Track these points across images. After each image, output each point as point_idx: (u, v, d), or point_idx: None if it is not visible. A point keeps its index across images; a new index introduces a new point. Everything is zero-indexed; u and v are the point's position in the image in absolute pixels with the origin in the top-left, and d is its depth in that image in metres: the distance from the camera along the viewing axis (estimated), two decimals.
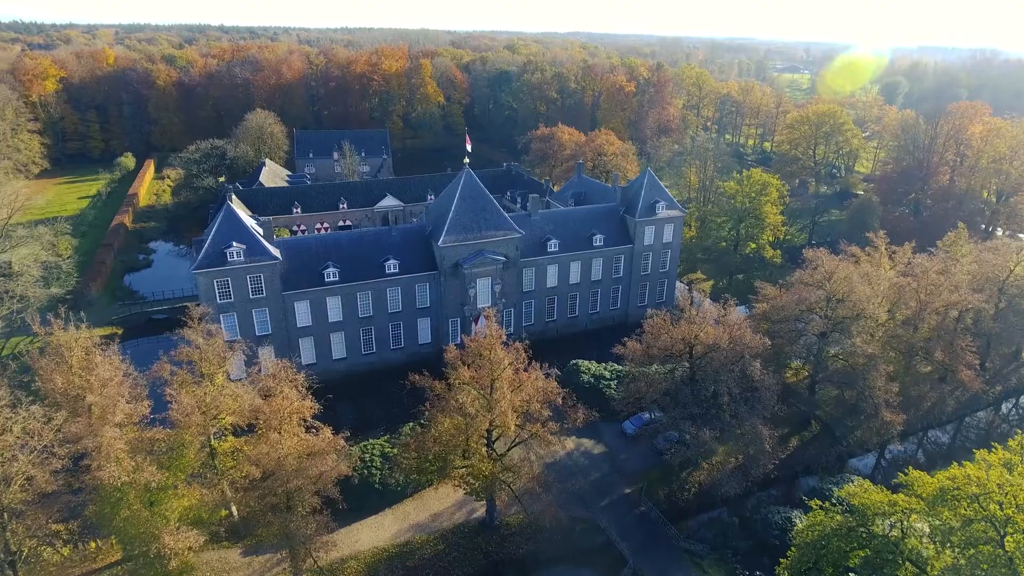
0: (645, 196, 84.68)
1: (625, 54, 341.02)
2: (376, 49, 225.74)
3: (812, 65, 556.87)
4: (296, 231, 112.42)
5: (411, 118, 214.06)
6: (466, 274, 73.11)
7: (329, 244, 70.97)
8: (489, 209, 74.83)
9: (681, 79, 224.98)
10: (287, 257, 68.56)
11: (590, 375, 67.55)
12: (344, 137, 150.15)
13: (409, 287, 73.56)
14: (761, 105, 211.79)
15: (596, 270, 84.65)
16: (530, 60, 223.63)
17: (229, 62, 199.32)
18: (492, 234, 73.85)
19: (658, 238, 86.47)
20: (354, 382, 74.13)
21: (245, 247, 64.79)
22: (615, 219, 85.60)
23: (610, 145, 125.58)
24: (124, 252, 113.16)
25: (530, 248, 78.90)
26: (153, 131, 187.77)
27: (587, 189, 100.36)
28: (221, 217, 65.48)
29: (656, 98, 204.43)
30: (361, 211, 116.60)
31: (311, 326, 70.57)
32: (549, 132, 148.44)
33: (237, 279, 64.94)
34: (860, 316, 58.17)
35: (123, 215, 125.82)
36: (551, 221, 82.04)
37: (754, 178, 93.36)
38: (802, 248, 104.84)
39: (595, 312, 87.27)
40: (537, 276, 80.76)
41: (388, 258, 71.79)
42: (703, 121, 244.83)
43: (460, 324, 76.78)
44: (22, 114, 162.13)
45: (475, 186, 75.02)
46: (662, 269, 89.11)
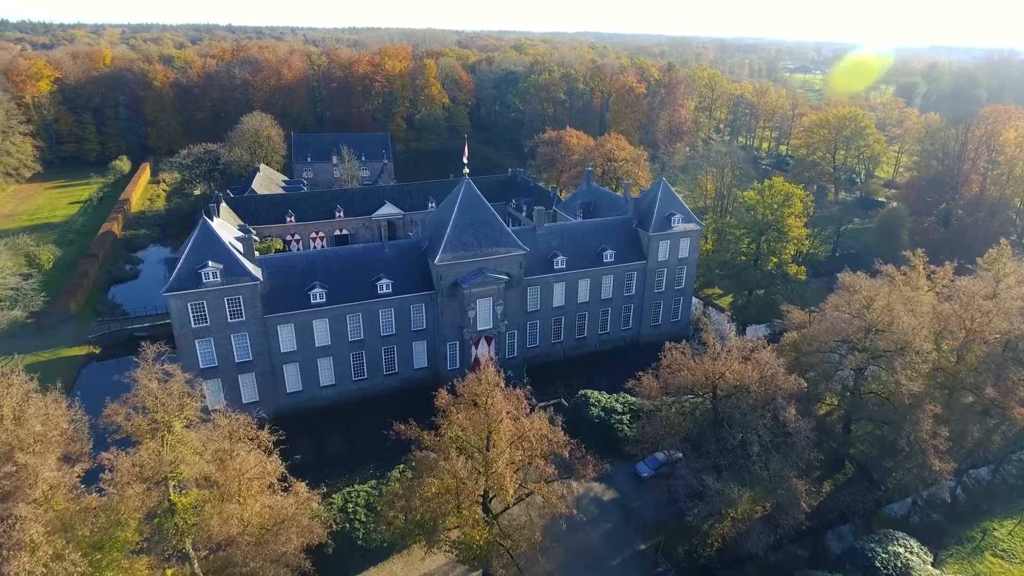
0: (659, 208, 78.50)
1: (634, 54, 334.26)
2: (379, 49, 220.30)
3: (824, 65, 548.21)
4: (290, 241, 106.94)
5: (415, 120, 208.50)
6: (465, 294, 67.20)
7: (316, 262, 65.19)
8: (490, 223, 68.87)
9: (693, 80, 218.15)
10: (269, 277, 62.85)
11: (600, 408, 61.46)
12: (343, 140, 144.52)
13: (403, 308, 67.73)
14: (776, 107, 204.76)
15: (606, 288, 78.55)
16: (537, 60, 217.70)
17: (228, 62, 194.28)
18: (493, 251, 67.89)
19: (673, 253, 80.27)
20: (343, 410, 68.50)
21: (222, 267, 59.10)
22: (627, 233, 79.44)
23: (621, 150, 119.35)
24: (110, 262, 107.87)
25: (535, 265, 72.91)
26: (150, 133, 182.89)
27: (596, 198, 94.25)
28: (196, 234, 59.83)
29: (667, 100, 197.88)
30: (358, 220, 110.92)
31: (296, 351, 64.84)
32: (556, 136, 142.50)
33: (213, 302, 59.28)
34: (904, 350, 51.78)
35: (112, 222, 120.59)
36: (558, 235, 75.99)
37: (776, 188, 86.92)
38: (825, 260, 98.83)
39: (605, 333, 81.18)
40: (543, 295, 74.76)
41: (380, 277, 65.97)
42: (715, 123, 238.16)
43: (459, 348, 70.88)
44: (14, 116, 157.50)
45: (475, 198, 69.09)
46: (677, 286, 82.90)
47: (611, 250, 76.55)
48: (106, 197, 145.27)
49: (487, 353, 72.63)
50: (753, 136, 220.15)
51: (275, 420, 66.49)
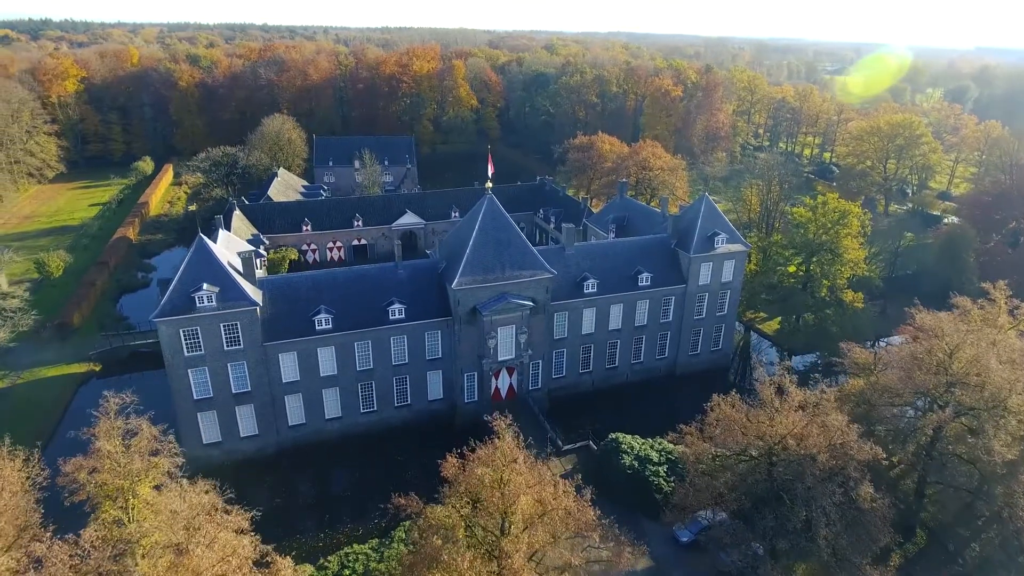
0: (702, 227, 71.20)
1: (669, 55, 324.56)
2: (407, 49, 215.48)
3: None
4: (306, 250, 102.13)
5: (442, 122, 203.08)
6: (485, 322, 60.92)
7: (322, 285, 59.51)
8: (514, 243, 62.46)
9: (732, 83, 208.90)
10: (271, 301, 57.38)
11: (633, 456, 54.56)
12: (366, 144, 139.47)
13: (417, 335, 61.72)
14: (820, 112, 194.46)
15: (641, 314, 71.54)
16: (569, 61, 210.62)
17: (254, 62, 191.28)
18: (517, 274, 61.47)
19: (716, 277, 72.88)
20: (350, 445, 62.77)
21: (218, 290, 53.75)
22: (665, 254, 72.30)
23: (656, 159, 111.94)
24: (122, 270, 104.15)
25: (563, 288, 66.29)
26: (175, 134, 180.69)
27: (630, 213, 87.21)
28: (191, 254, 54.59)
29: (704, 103, 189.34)
30: (378, 229, 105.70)
31: (299, 381, 59.28)
32: (588, 141, 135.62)
33: (208, 328, 53.97)
34: (997, 408, 43.95)
35: (127, 227, 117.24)
36: (589, 256, 69.23)
37: (830, 205, 78.90)
38: (880, 282, 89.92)
39: (638, 362, 74.15)
40: (571, 321, 68.10)
41: (392, 301, 60.05)
42: (753, 128, 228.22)
43: (478, 379, 64.64)
44: (39, 115, 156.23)
45: (498, 216, 62.74)
46: (719, 312, 75.45)
47: (647, 273, 69.52)
48: (126, 199, 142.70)
49: (509, 385, 66.30)
50: (794, 142, 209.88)
51: (276, 455, 61.97)
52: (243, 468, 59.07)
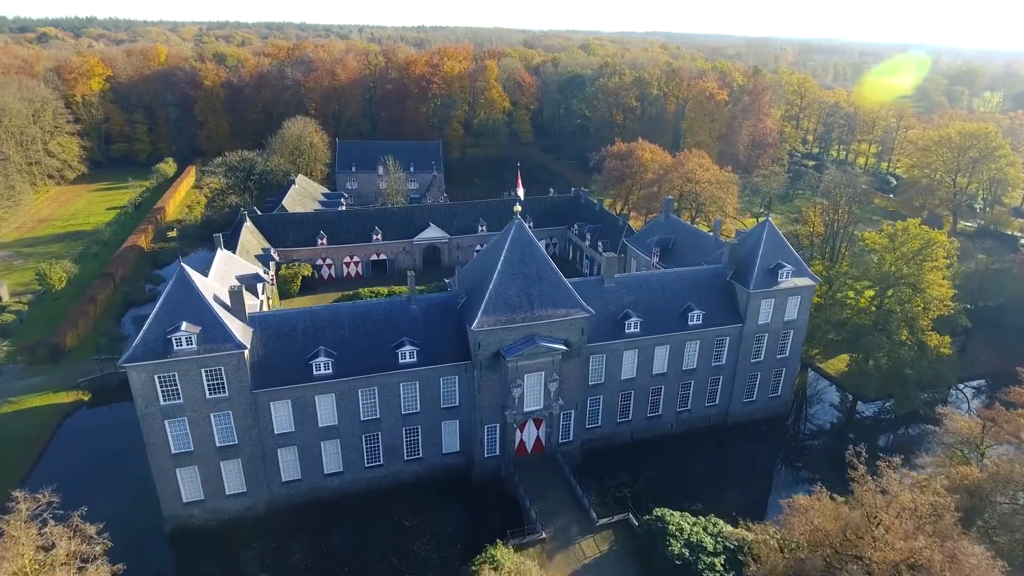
0: (764, 257, 61.44)
1: (709, 56, 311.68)
2: (438, 49, 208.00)
3: None
4: (320, 265, 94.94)
5: (473, 125, 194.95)
6: (510, 368, 52.32)
7: (322, 323, 51.57)
8: (546, 277, 53.68)
9: (780, 86, 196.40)
10: (263, 340, 49.68)
11: (682, 543, 45.26)
12: (390, 149, 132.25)
13: (431, 381, 53.43)
14: (878, 118, 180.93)
15: (690, 357, 62.10)
16: (607, 62, 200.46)
17: (281, 62, 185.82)
18: (548, 313, 52.70)
19: (778, 315, 63.02)
20: (352, 504, 54.88)
21: (200, 330, 46.17)
22: (719, 287, 62.70)
23: (704, 171, 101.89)
24: (130, 281, 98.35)
25: (601, 327, 57.32)
26: (199, 135, 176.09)
27: (677, 235, 77.66)
28: (169, 287, 47.12)
29: (751, 108, 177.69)
30: (398, 243, 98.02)
31: (294, 432, 51.49)
32: (627, 148, 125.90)
33: (187, 374, 46.45)
34: None
35: (139, 234, 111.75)
36: (632, 290, 60.03)
37: (911, 232, 68.28)
38: (968, 322, 78.34)
39: (685, 411, 64.70)
40: (609, 365, 59.07)
41: (403, 342, 51.85)
42: (802, 134, 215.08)
43: (499, 431, 56.08)
44: (61, 115, 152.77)
45: (528, 244, 54.03)
46: (780, 355, 65.55)
47: (699, 310, 60.05)
48: (145, 203, 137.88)
49: (536, 438, 57.59)
50: (845, 149, 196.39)
51: (267, 515, 54.30)
52: (228, 530, 51.72)
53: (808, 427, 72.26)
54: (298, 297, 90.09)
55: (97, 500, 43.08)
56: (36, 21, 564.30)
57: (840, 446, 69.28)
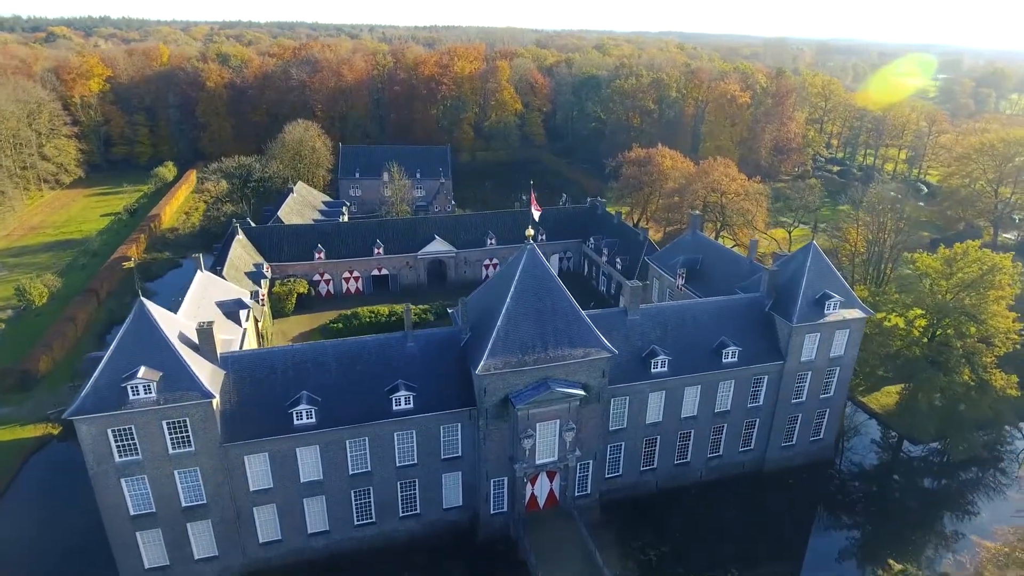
0: (808, 286, 54.22)
1: (726, 56, 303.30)
2: (448, 48, 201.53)
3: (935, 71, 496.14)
4: (318, 281, 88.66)
5: (483, 127, 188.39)
6: (520, 416, 45.53)
7: (305, 363, 44.99)
8: (562, 312, 46.80)
9: (804, 88, 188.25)
10: (236, 384, 43.21)
11: None
12: (395, 155, 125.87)
13: (430, 430, 46.75)
14: (908, 123, 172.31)
15: (724, 398, 55.02)
16: (623, 63, 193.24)
17: (286, 62, 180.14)
18: (565, 354, 45.83)
19: (823, 351, 55.78)
20: (341, 567, 48.25)
21: (160, 376, 39.77)
22: (757, 319, 55.55)
23: (731, 181, 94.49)
24: (116, 297, 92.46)
25: (625, 366, 50.40)
26: (201, 137, 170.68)
27: (705, 254, 70.55)
28: (125, 327, 40.73)
29: (774, 111, 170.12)
30: (401, 258, 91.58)
31: (273, 489, 44.97)
32: (645, 155, 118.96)
33: (146, 428, 40.07)
34: None
35: (130, 244, 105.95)
36: (659, 322, 53.02)
37: (971, 256, 60.87)
38: None
39: (716, 457, 57.58)
40: (632, 409, 52.11)
41: (398, 386, 45.20)
42: (825, 139, 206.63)
43: (508, 485, 49.29)
44: (58, 117, 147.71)
45: (540, 274, 47.17)
46: (824, 394, 58.28)
47: (735, 346, 52.95)
48: (141, 209, 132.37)
49: (549, 491, 50.77)
50: (872, 154, 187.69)
51: None
52: None
53: (849, 467, 64.92)
54: (293, 316, 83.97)
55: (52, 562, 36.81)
56: (52, 20, 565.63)
57: (886, 490, 62.24)
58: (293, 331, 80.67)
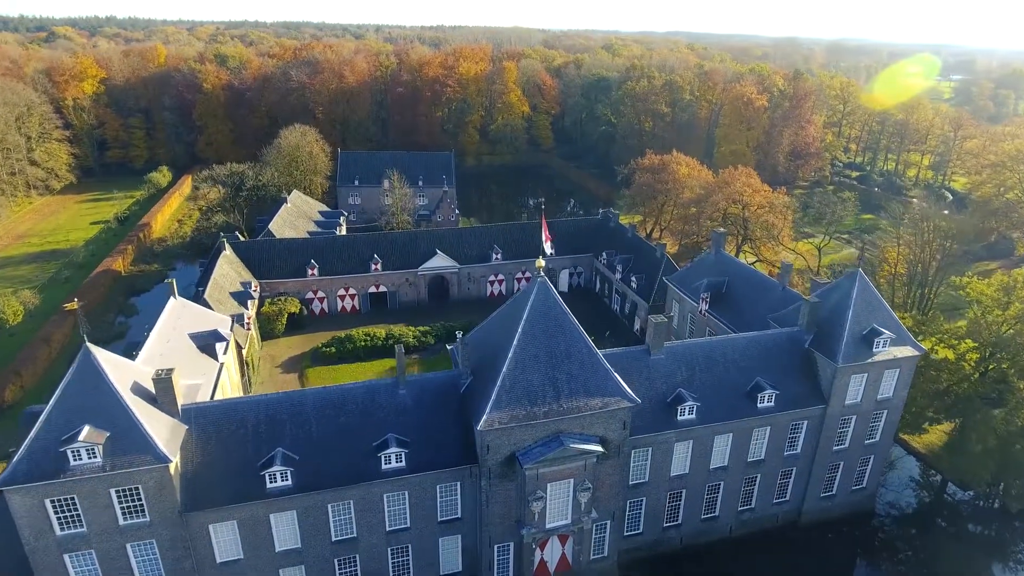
0: (854, 320, 47.90)
1: (738, 57, 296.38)
2: (453, 49, 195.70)
3: (947, 71, 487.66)
4: (311, 299, 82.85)
5: (489, 130, 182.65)
6: (528, 476, 39.49)
7: (280, 416, 39.06)
8: (576, 355, 40.70)
9: (823, 91, 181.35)
10: (200, 443, 37.35)
11: None
12: (397, 161, 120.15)
13: (425, 491, 40.73)
14: (932, 127, 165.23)
15: (758, 446, 48.79)
16: (634, 64, 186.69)
17: (286, 63, 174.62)
18: (580, 405, 39.75)
19: (870, 393, 49.46)
20: None
21: (108, 437, 33.98)
22: (795, 357, 49.26)
23: (754, 193, 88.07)
24: (97, 314, 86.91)
25: (648, 414, 44.25)
26: (198, 141, 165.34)
27: (732, 277, 64.28)
28: (68, 378, 34.88)
29: (792, 114, 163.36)
30: (400, 274, 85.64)
31: (243, 559, 39.04)
32: (660, 162, 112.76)
33: (92, 497, 34.30)
34: None
35: (117, 256, 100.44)
36: (685, 363, 46.81)
37: None
38: None
39: (748, 509, 51.36)
40: (656, 460, 45.96)
41: (388, 442, 39.23)
42: (843, 143, 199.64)
43: (514, 550, 43.23)
44: (49, 120, 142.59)
45: (553, 312, 41.04)
46: (869, 440, 51.96)
47: (771, 389, 46.71)
48: (132, 217, 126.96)
49: (561, 555, 44.66)
50: (896, 160, 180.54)
51: None
52: None
53: (887, 511, 58.57)
54: (283, 337, 78.16)
55: None
56: (58, 20, 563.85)
57: (929, 538, 55.95)
58: (282, 355, 74.88)
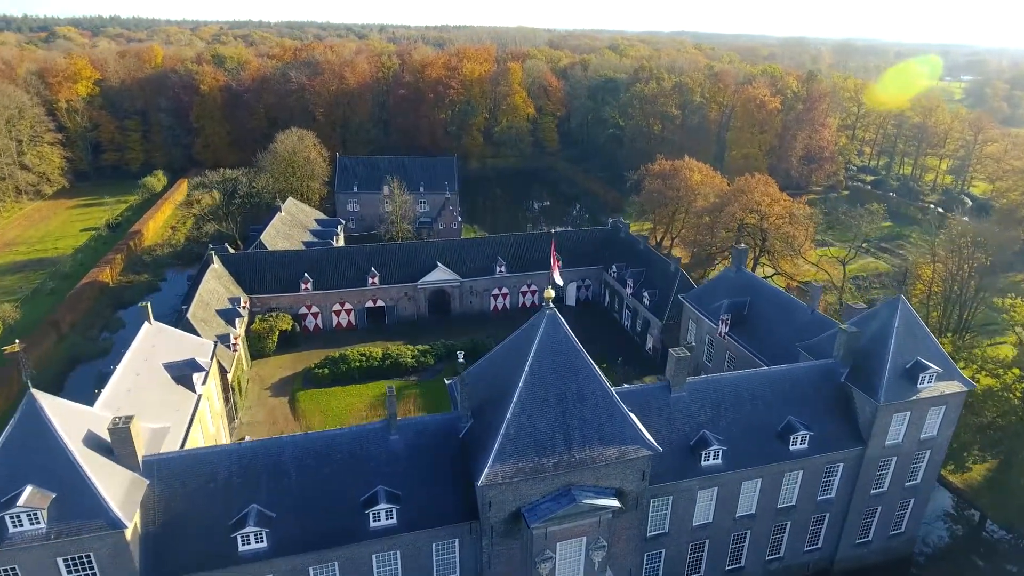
0: (897, 352, 43.17)
1: (746, 57, 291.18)
2: (457, 50, 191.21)
3: (956, 71, 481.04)
4: (305, 315, 78.55)
5: (494, 133, 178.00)
6: (536, 536, 34.93)
7: (255, 467, 34.62)
8: (590, 397, 36.14)
9: (836, 92, 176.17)
10: (163, 500, 32.94)
11: None
12: (398, 166, 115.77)
13: (418, 549, 36.23)
14: (951, 130, 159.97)
15: (789, 491, 44.10)
16: (642, 65, 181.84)
17: (285, 64, 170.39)
18: (594, 455, 35.20)
19: (913, 432, 44.73)
20: None
21: (54, 498, 29.59)
22: (831, 394, 44.55)
23: (774, 203, 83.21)
24: (81, 329, 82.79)
25: (669, 459, 39.59)
26: (195, 144, 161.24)
27: (755, 298, 59.54)
28: (9, 431, 30.47)
29: (806, 117, 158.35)
30: (399, 288, 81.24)
31: None
32: (671, 168, 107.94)
33: (35, 568, 29.88)
34: None
35: (104, 266, 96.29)
36: (710, 401, 42.16)
37: None
38: None
39: (776, 559, 46.69)
40: (677, 510, 41.34)
41: (378, 495, 34.79)
42: (857, 146, 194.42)
43: None
44: (41, 123, 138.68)
45: (563, 349, 36.48)
46: (909, 482, 47.22)
47: (804, 430, 42.05)
48: (124, 223, 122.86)
49: None
50: (912, 164, 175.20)
51: None
52: None
53: (921, 547, 53.90)
54: (274, 356, 73.83)
55: None
56: (62, 20, 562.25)
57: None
58: (273, 375, 70.53)
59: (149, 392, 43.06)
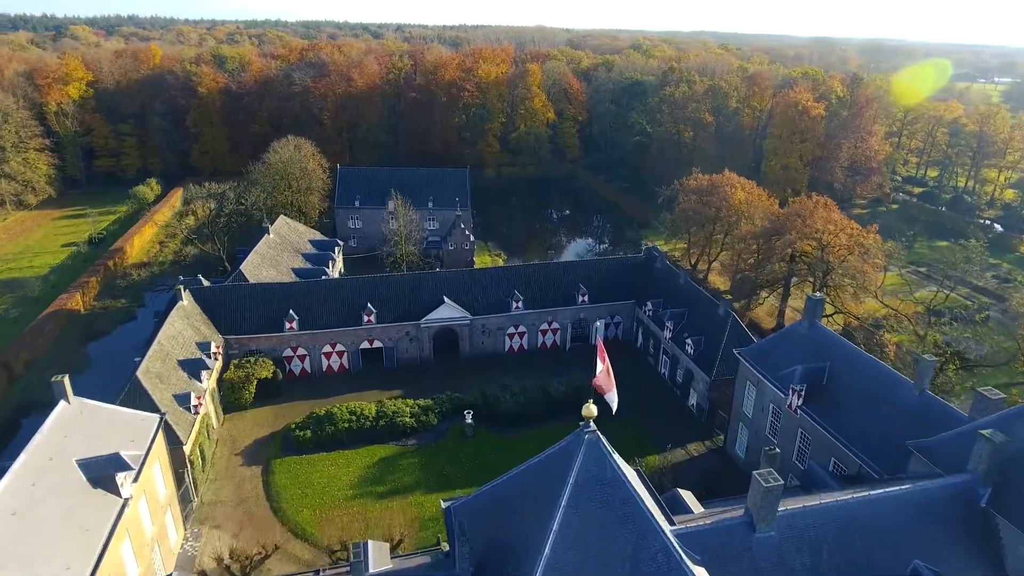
0: None
1: (775, 58, 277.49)
2: (472, 51, 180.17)
3: (988, 73, 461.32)
4: (291, 357, 67.90)
5: (511, 139, 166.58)
6: None
7: None
8: (644, 561, 24.58)
9: (883, 97, 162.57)
10: None
11: None
12: (404, 179, 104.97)
13: None
14: (1011, 139, 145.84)
15: None
16: (671, 67, 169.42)
17: (289, 65, 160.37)
18: None
19: None
20: None
21: None
22: (966, 523, 32.62)
23: (837, 232, 70.76)
24: (41, 367, 72.63)
25: None
26: (193, 149, 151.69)
27: (836, 363, 47.54)
28: None
29: (851, 124, 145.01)
30: (399, 327, 70.11)
31: None
32: (708, 182, 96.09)
33: None
34: None
35: (76, 291, 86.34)
36: (807, 543, 30.37)
37: None
38: None
39: None
40: None
41: None
42: (903, 155, 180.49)
43: None
44: (27, 128, 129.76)
45: (610, 493, 24.94)
46: None
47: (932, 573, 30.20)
48: (109, 238, 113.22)
49: None
50: (967, 176, 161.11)
51: None
52: None
53: None
54: (251, 409, 62.99)
55: None
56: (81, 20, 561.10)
57: None
58: (247, 435, 59.65)
59: (48, 508, 32.26)
